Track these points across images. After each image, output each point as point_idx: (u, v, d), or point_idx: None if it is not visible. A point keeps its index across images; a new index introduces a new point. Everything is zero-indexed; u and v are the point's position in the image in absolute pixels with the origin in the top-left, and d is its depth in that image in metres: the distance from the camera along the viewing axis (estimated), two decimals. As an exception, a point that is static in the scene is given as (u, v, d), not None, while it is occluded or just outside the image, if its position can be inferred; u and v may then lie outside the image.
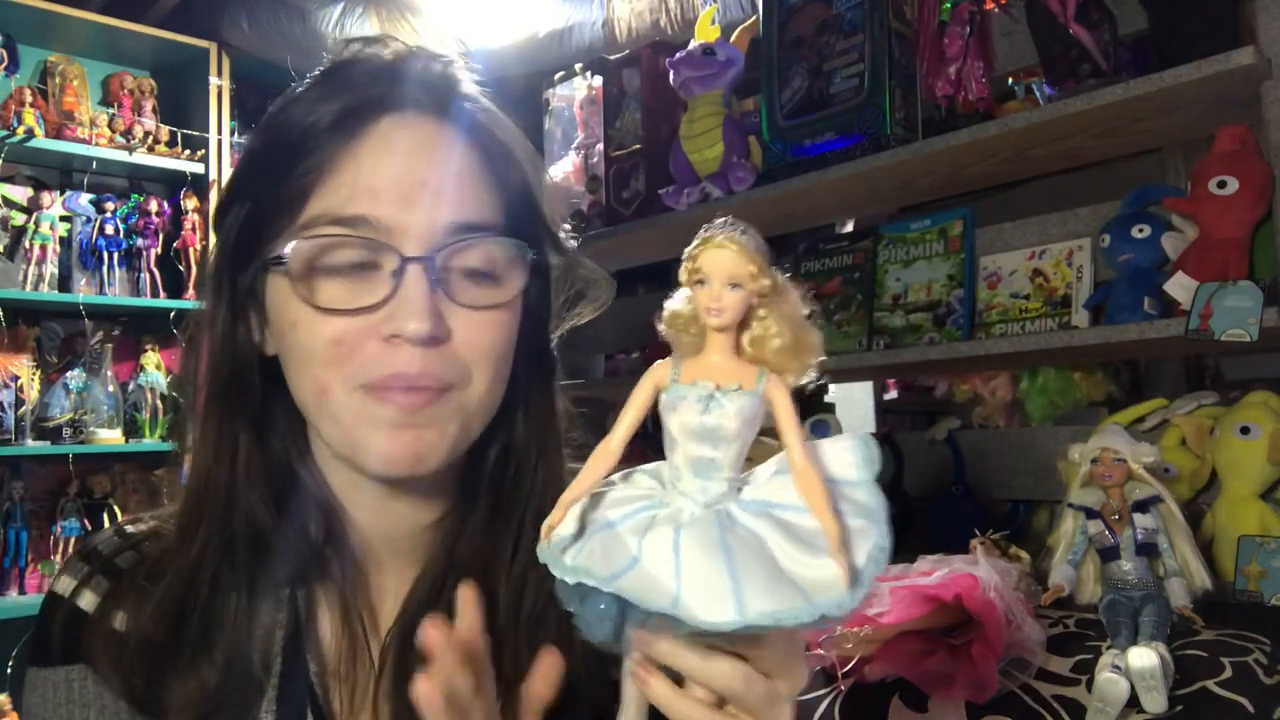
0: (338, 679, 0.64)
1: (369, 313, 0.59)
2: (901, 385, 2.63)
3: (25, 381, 2.78)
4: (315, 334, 0.60)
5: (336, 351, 0.59)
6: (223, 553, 0.63)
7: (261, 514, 0.64)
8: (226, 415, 0.65)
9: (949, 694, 1.09)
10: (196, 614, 0.62)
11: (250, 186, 0.64)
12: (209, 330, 0.66)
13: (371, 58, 0.66)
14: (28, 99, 2.73)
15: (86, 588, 0.66)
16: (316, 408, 0.62)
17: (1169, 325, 1.24)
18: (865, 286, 1.72)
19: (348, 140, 0.61)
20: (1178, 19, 1.27)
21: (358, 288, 0.60)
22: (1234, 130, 1.26)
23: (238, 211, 0.65)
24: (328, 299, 0.60)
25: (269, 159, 0.64)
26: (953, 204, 1.68)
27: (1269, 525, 1.24)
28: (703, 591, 0.44)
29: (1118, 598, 1.14)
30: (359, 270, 0.60)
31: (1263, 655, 1.05)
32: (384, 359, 0.59)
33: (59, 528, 2.78)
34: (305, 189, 0.61)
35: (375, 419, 0.60)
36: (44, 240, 2.82)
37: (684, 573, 0.45)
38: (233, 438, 0.65)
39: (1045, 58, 1.43)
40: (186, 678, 0.60)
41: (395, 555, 0.68)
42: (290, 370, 0.63)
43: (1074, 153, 1.48)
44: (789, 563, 0.45)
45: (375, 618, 0.68)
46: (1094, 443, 1.22)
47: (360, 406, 0.60)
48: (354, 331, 0.59)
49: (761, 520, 0.47)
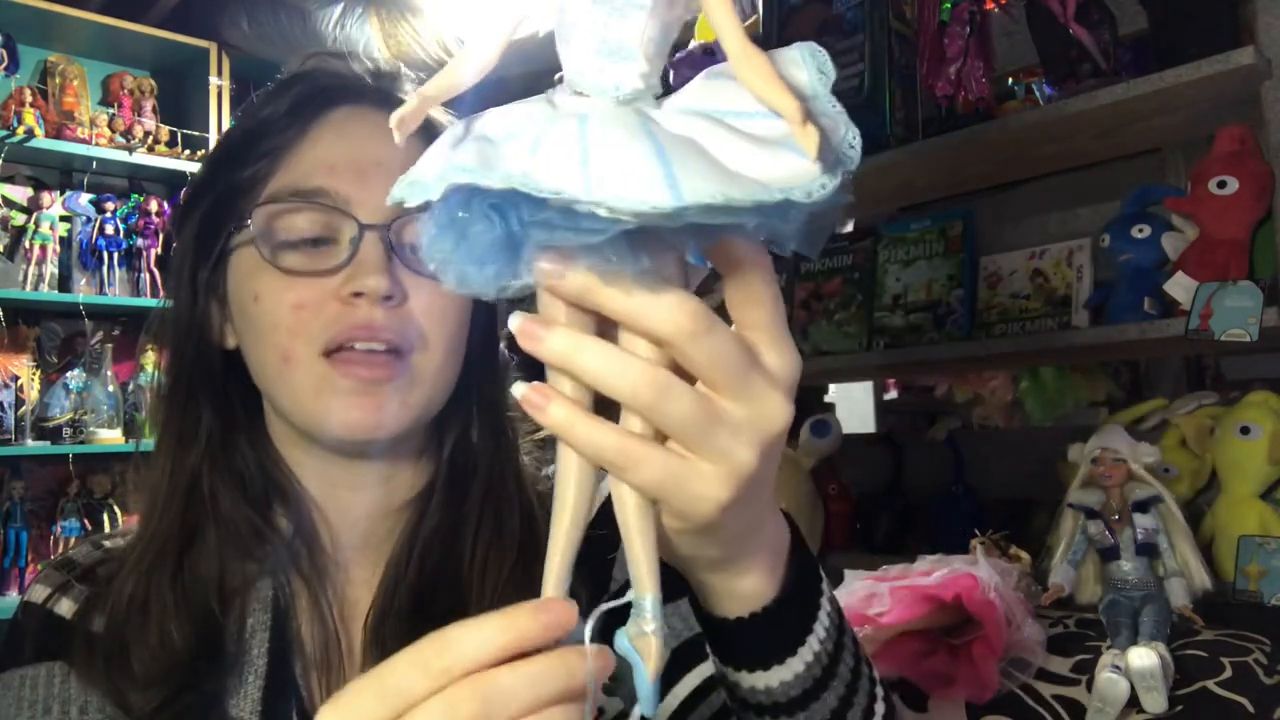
0: (320, 671, 0.64)
1: (330, 275, 0.62)
2: (901, 385, 2.63)
3: (25, 381, 2.78)
4: (278, 301, 0.62)
5: (299, 316, 0.61)
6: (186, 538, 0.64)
7: (225, 504, 0.65)
8: (189, 410, 0.67)
9: (949, 694, 1.09)
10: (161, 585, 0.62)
11: (211, 185, 0.67)
12: (172, 327, 0.68)
13: (330, 63, 0.70)
14: (28, 99, 2.72)
15: (65, 596, 0.66)
16: (278, 378, 0.63)
17: (1169, 325, 1.25)
18: (865, 286, 1.72)
19: (304, 125, 0.65)
20: (1178, 19, 1.27)
21: (317, 257, 0.62)
22: (1234, 130, 1.26)
23: (198, 209, 0.67)
24: (290, 264, 0.62)
25: (228, 155, 0.67)
26: (953, 204, 1.68)
27: (1269, 525, 1.24)
28: (621, 173, 0.32)
29: (1118, 598, 1.14)
30: (317, 243, 0.63)
31: (1263, 655, 1.05)
32: (344, 317, 0.61)
33: (59, 528, 2.78)
34: (265, 172, 0.64)
35: (336, 388, 0.61)
36: (44, 240, 2.81)
37: (594, 159, 0.33)
38: (195, 432, 0.66)
39: (1045, 58, 1.43)
40: (153, 645, 0.60)
41: (367, 545, 0.69)
42: (252, 347, 0.65)
43: (1074, 153, 1.48)
44: (737, 161, 0.34)
45: (353, 608, 0.68)
46: (1094, 443, 1.22)
47: (321, 377, 0.61)
48: (315, 295, 0.62)
49: (695, 121, 0.36)
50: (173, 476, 0.66)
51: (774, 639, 0.47)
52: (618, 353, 0.36)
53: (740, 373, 0.37)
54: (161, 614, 0.61)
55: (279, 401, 0.64)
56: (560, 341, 0.36)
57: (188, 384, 0.67)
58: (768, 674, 0.48)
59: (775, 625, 0.47)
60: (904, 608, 1.13)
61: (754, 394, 0.37)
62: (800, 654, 0.48)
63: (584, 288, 0.35)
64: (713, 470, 0.37)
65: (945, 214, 1.65)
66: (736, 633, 0.47)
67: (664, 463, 0.36)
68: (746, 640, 0.47)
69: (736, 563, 0.44)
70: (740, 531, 0.42)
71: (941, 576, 1.16)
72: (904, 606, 1.13)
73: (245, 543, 0.64)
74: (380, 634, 0.64)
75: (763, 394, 0.37)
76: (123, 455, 2.88)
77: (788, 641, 0.48)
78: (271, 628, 0.63)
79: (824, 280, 1.78)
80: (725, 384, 0.37)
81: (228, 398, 0.67)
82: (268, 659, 0.62)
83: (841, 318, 1.73)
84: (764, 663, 0.48)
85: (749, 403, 0.37)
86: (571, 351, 0.36)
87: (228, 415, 0.67)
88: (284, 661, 0.63)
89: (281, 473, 0.68)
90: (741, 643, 0.48)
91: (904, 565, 1.25)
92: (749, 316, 0.38)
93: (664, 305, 0.35)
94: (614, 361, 0.36)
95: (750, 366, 0.37)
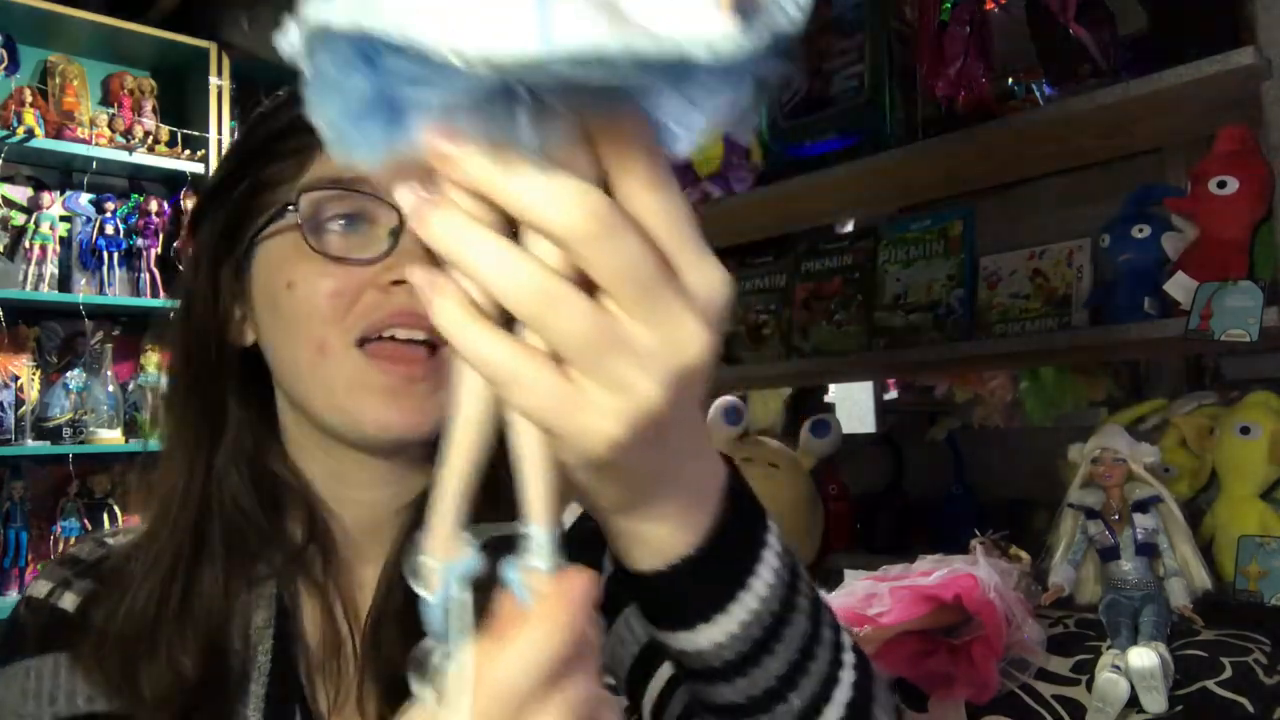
0: (323, 673, 0.64)
1: (374, 262, 0.60)
2: (901, 385, 2.63)
3: (25, 381, 2.78)
4: (315, 288, 0.60)
5: (336, 304, 0.60)
6: (196, 549, 0.63)
7: (237, 510, 0.64)
8: (209, 413, 0.65)
9: (949, 694, 1.09)
10: (171, 609, 0.61)
11: (238, 179, 0.66)
12: (187, 327, 0.66)
13: None
14: (28, 99, 2.73)
15: (68, 590, 0.65)
16: (310, 372, 0.61)
17: (1169, 325, 1.24)
18: (865, 286, 1.72)
19: None
20: (1178, 19, 1.27)
21: (355, 243, 0.61)
22: (1234, 130, 1.26)
23: (221, 205, 0.66)
24: (333, 249, 0.61)
25: (256, 151, 0.65)
26: (953, 204, 1.68)
27: (1269, 525, 1.23)
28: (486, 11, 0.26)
29: (1118, 598, 1.14)
30: (356, 226, 0.61)
31: (1263, 655, 1.05)
32: (384, 304, 0.60)
33: (59, 528, 2.78)
34: (295, 168, 0.63)
35: (371, 385, 0.60)
36: (44, 240, 2.82)
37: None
38: (214, 436, 0.65)
39: (1045, 58, 1.42)
40: (163, 673, 0.59)
41: (374, 544, 0.68)
42: (282, 340, 0.63)
43: (1074, 153, 1.47)
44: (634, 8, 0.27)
45: (357, 609, 0.67)
46: (1094, 443, 1.22)
47: (356, 370, 0.60)
48: (353, 284, 0.60)
49: None
50: (189, 482, 0.64)
51: (697, 595, 0.43)
52: (511, 250, 0.30)
53: (650, 288, 0.31)
54: (171, 639, 0.60)
55: (310, 399, 0.62)
56: (446, 224, 0.31)
57: (208, 385, 0.65)
58: (694, 634, 0.44)
59: (698, 580, 0.42)
60: (904, 608, 1.13)
61: (666, 316, 0.31)
62: (732, 612, 0.43)
63: (466, 165, 0.29)
64: (609, 402, 0.32)
65: (945, 214, 1.65)
66: (653, 587, 0.43)
67: (553, 387, 0.31)
68: (664, 596, 0.43)
69: (643, 509, 0.40)
70: (646, 476, 0.37)
71: (941, 576, 1.16)
72: (904, 606, 1.13)
73: (254, 551, 0.64)
74: (378, 636, 0.63)
75: (677, 317, 0.32)
76: (123, 455, 2.88)
77: (714, 598, 0.43)
78: (276, 627, 0.63)
79: (824, 280, 1.78)
80: (631, 300, 0.31)
81: (247, 398, 0.66)
82: (271, 659, 0.62)
83: (841, 318, 1.73)
84: (686, 622, 0.43)
85: (659, 326, 0.31)
86: (457, 237, 0.31)
87: (248, 416, 0.66)
88: (288, 662, 0.63)
89: (292, 474, 0.67)
90: (660, 598, 0.44)
91: (904, 565, 1.25)
92: (658, 223, 0.31)
93: (559, 197, 0.29)
94: (502, 258, 0.30)
95: (664, 283, 0.31)
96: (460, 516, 0.35)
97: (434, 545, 0.36)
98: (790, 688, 0.46)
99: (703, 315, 0.32)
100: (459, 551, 0.35)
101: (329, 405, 0.61)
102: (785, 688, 0.46)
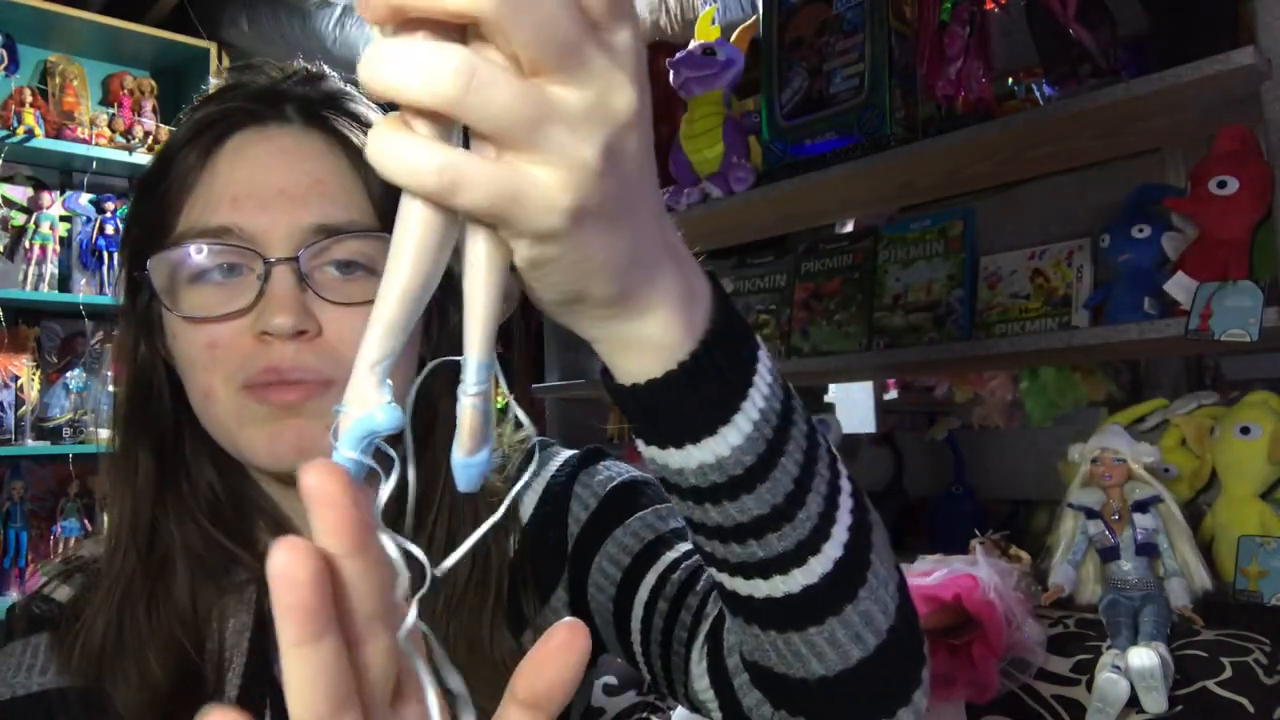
0: None
1: (238, 317, 0.61)
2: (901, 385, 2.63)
3: (25, 381, 2.78)
4: (191, 341, 0.62)
5: (212, 355, 0.61)
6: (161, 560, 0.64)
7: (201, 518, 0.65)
8: (145, 430, 0.67)
9: (949, 694, 1.09)
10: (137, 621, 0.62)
11: (136, 217, 0.67)
12: (121, 351, 0.68)
13: (242, 81, 0.69)
14: (28, 99, 2.72)
15: (65, 584, 0.68)
16: (203, 412, 0.63)
17: (1169, 325, 1.24)
18: (865, 286, 1.72)
19: (205, 155, 0.64)
20: (1178, 19, 1.27)
21: (228, 292, 0.61)
22: (1234, 130, 1.26)
23: (128, 242, 0.67)
24: (197, 306, 0.62)
25: (148, 184, 0.66)
26: (953, 204, 1.68)
27: (1269, 525, 1.23)
28: None
29: (1118, 598, 1.14)
30: (229, 275, 0.62)
31: (1263, 655, 1.05)
32: (257, 355, 0.60)
33: (59, 528, 2.78)
34: (173, 205, 0.63)
35: (255, 417, 0.61)
36: (44, 240, 2.82)
37: None
38: (150, 453, 0.66)
39: (1045, 58, 1.42)
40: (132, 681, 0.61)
41: None
42: (182, 379, 0.65)
43: (1074, 153, 1.47)
44: None
45: None
46: (1094, 443, 1.22)
47: (240, 408, 0.61)
48: (227, 334, 0.61)
49: None
50: (133, 517, 0.65)
51: (703, 399, 0.40)
52: (424, 44, 0.29)
53: (572, 48, 0.30)
54: (139, 650, 0.61)
55: (213, 435, 0.64)
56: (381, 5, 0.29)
57: (142, 407, 0.67)
58: (699, 449, 0.41)
59: (701, 381, 0.40)
60: (904, 608, 1.13)
61: (592, 74, 0.31)
62: (737, 423, 0.41)
63: None
64: (550, 173, 0.31)
65: (945, 214, 1.65)
66: (653, 399, 0.40)
67: (493, 175, 0.30)
68: (669, 406, 0.40)
69: (631, 301, 0.37)
70: (615, 255, 0.35)
71: (941, 576, 1.16)
72: (904, 606, 1.13)
73: (216, 570, 0.65)
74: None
75: (604, 74, 0.31)
76: (123, 455, 2.88)
77: (722, 398, 0.41)
78: (253, 629, 0.64)
79: (824, 280, 1.78)
80: (554, 63, 0.30)
81: (178, 425, 0.67)
82: (246, 658, 0.63)
83: (841, 318, 1.73)
84: (693, 435, 0.41)
85: (585, 85, 0.30)
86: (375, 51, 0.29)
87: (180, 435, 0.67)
88: (264, 662, 0.63)
89: (253, 487, 0.68)
90: (665, 410, 0.41)
91: (904, 565, 1.25)
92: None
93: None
94: (415, 51, 0.29)
95: (584, 39, 0.30)
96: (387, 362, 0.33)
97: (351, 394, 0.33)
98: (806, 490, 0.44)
99: (628, 70, 0.32)
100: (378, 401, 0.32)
101: (227, 442, 0.63)
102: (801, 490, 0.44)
